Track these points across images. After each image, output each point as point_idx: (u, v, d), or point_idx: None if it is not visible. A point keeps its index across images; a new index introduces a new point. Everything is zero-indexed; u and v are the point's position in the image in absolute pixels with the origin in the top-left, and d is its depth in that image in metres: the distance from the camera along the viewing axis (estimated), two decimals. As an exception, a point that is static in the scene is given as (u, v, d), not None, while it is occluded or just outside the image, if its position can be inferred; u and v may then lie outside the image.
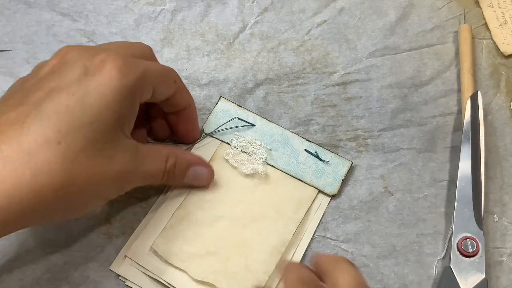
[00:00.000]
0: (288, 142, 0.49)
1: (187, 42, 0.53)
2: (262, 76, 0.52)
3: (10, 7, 0.53)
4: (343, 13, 0.55)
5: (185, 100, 0.45)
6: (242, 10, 0.55)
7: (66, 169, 0.35)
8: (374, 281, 0.45)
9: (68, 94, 0.36)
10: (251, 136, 0.48)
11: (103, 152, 0.37)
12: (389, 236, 0.47)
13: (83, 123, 0.36)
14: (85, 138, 0.36)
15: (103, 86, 0.37)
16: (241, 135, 0.48)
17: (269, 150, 0.48)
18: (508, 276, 0.45)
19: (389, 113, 0.51)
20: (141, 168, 0.40)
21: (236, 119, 0.49)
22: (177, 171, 0.43)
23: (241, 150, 0.48)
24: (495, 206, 0.48)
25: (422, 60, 0.53)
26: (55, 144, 0.35)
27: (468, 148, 0.48)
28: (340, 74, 0.52)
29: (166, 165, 0.42)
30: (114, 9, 0.54)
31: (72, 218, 0.43)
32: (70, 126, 0.35)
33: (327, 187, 0.47)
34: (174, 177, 0.43)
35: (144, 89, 0.40)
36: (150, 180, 0.42)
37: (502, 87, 0.53)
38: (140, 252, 0.44)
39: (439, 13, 0.55)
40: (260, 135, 0.49)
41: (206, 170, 0.46)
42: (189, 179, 0.45)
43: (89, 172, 0.36)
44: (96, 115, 0.36)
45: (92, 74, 0.37)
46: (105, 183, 0.38)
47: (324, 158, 0.48)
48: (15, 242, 0.44)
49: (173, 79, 0.43)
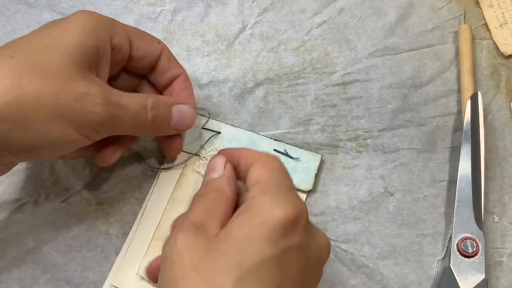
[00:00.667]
0: (257, 145, 0.48)
1: (187, 42, 0.53)
2: (262, 76, 0.52)
3: (10, 7, 0.53)
4: (343, 13, 0.55)
5: (174, 66, 0.45)
6: (242, 11, 0.55)
7: (14, 83, 0.35)
8: (374, 281, 0.45)
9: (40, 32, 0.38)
10: (219, 144, 0.48)
11: (59, 77, 0.36)
12: (389, 236, 0.47)
13: (39, 47, 0.37)
14: (40, 61, 0.36)
15: (69, 23, 0.38)
16: (209, 144, 0.48)
17: None
18: (508, 277, 0.45)
19: (389, 113, 0.51)
20: (115, 99, 0.38)
21: (200, 130, 0.48)
22: (162, 112, 0.42)
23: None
24: (495, 206, 0.48)
25: (422, 60, 0.53)
26: (7, 58, 0.35)
27: (468, 148, 0.48)
28: (340, 74, 0.52)
29: (148, 102, 0.41)
30: (114, 10, 0.54)
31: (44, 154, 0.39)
32: (24, 48, 0.37)
33: (302, 183, 0.47)
34: (162, 119, 0.42)
35: (116, 33, 0.40)
36: (132, 121, 0.40)
37: (502, 88, 0.53)
38: (126, 278, 0.43)
39: (439, 13, 0.55)
40: (228, 141, 0.48)
41: (187, 107, 0.44)
42: (176, 121, 0.43)
43: (40, 93, 0.35)
44: (54, 42, 0.37)
45: (65, 19, 0.39)
46: (61, 105, 0.36)
47: (294, 156, 0.48)
48: (15, 242, 0.44)
49: (157, 40, 0.44)
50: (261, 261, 0.31)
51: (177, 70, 0.45)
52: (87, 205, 0.46)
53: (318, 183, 0.48)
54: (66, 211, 0.46)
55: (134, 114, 0.39)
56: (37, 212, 0.45)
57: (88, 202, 0.46)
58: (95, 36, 0.39)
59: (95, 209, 0.46)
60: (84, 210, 0.46)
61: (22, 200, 0.46)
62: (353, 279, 0.45)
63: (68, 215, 0.45)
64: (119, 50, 0.41)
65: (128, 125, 0.40)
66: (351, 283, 0.45)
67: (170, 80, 0.45)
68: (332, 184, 0.48)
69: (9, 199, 0.46)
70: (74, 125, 0.36)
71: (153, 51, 0.43)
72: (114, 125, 0.39)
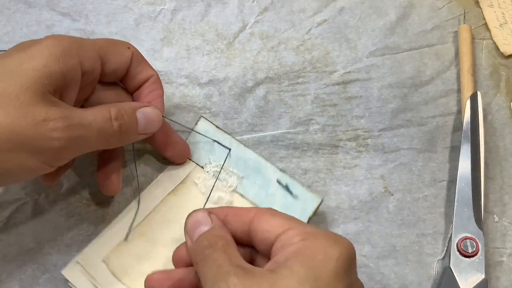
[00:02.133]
0: (261, 171, 0.47)
1: (187, 41, 0.53)
2: (262, 75, 0.52)
3: (10, 6, 0.53)
4: (343, 13, 0.55)
5: (145, 69, 0.44)
6: (242, 10, 0.54)
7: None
8: (374, 281, 0.45)
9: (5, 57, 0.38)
10: (227, 163, 0.47)
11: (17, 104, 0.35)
12: (389, 236, 0.47)
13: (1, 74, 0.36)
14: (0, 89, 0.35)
15: (36, 49, 0.38)
16: (215, 159, 0.47)
17: (241, 177, 0.47)
18: (508, 276, 0.45)
19: (389, 113, 0.51)
20: (78, 120, 0.37)
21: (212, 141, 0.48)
22: (127, 119, 0.41)
23: (213, 175, 0.47)
24: (495, 206, 0.48)
25: (422, 60, 0.53)
26: None
27: (468, 148, 0.48)
28: (340, 73, 0.52)
29: (111, 113, 0.40)
30: (114, 9, 0.54)
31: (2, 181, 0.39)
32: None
33: None
34: (127, 128, 0.41)
35: (86, 57, 0.40)
36: (98, 136, 0.39)
37: (502, 87, 0.53)
38: (92, 261, 0.43)
39: (439, 13, 0.55)
40: (234, 160, 0.47)
41: (151, 109, 0.43)
42: (142, 126, 0.42)
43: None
44: (17, 67, 0.36)
45: (33, 44, 0.38)
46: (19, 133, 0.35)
47: (294, 192, 0.46)
48: (15, 242, 0.44)
49: (127, 46, 0.43)
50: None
51: (146, 73, 0.44)
52: (87, 205, 0.46)
53: (318, 183, 0.48)
54: (66, 211, 0.46)
55: (99, 129, 0.39)
56: (37, 212, 0.45)
57: (88, 202, 0.46)
58: (63, 63, 0.38)
59: (95, 209, 0.46)
60: (84, 210, 0.46)
61: (22, 200, 0.46)
62: (353, 279, 0.45)
63: (68, 215, 0.45)
64: (90, 73, 0.40)
65: (94, 141, 0.39)
66: (351, 283, 0.45)
67: (141, 83, 0.44)
68: (332, 184, 0.48)
69: (9, 199, 0.46)
70: (34, 153, 0.36)
71: (124, 61, 0.43)
72: (78, 146, 0.38)
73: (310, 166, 0.49)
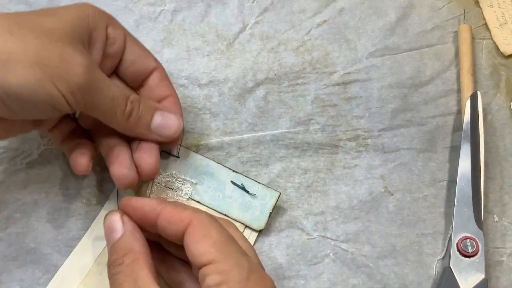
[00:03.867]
0: (214, 174, 0.46)
1: (187, 42, 0.53)
2: (262, 76, 0.52)
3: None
4: (343, 13, 0.55)
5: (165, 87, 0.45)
6: (242, 11, 0.55)
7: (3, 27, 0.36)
8: (374, 281, 0.45)
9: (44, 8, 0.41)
10: (175, 170, 0.46)
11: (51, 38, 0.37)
12: (389, 236, 0.47)
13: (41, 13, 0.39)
14: (38, 22, 0.37)
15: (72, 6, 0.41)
16: (165, 169, 0.46)
17: (195, 184, 0.46)
18: (508, 276, 0.45)
19: (389, 113, 0.51)
20: (100, 75, 0.39)
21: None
22: (143, 110, 0.41)
23: (165, 186, 0.46)
24: (495, 206, 0.48)
25: (422, 60, 0.53)
26: (9, 15, 0.37)
27: (468, 148, 0.48)
28: (340, 74, 0.52)
29: (129, 97, 0.41)
30: (114, 10, 0.54)
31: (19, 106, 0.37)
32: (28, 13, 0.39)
33: (254, 222, 0.45)
34: (140, 118, 0.42)
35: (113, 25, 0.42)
36: (110, 104, 0.40)
37: (502, 87, 0.53)
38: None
39: (439, 13, 0.55)
40: (184, 168, 0.47)
41: (175, 117, 0.43)
42: (157, 125, 0.42)
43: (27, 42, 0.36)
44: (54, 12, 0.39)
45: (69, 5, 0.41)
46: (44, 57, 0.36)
47: (251, 191, 0.46)
48: (15, 242, 0.44)
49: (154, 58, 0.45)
50: None
51: (167, 92, 0.45)
52: (87, 205, 0.46)
53: (318, 183, 0.48)
54: (66, 211, 0.46)
55: (113, 98, 0.39)
56: (37, 212, 0.45)
57: (88, 202, 0.46)
58: (92, 21, 0.40)
59: (95, 209, 0.46)
60: (84, 210, 0.46)
61: (22, 200, 0.46)
62: (353, 278, 0.45)
63: (68, 215, 0.45)
64: (113, 41, 0.42)
65: (105, 106, 0.39)
66: (351, 282, 0.45)
67: (158, 100, 0.45)
68: (332, 183, 0.48)
69: (9, 199, 0.46)
70: (53, 78, 0.36)
71: (146, 63, 0.43)
72: (92, 97, 0.38)
73: (310, 166, 0.49)
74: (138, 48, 0.44)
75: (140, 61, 0.44)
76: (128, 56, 0.43)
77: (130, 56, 0.43)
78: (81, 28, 0.39)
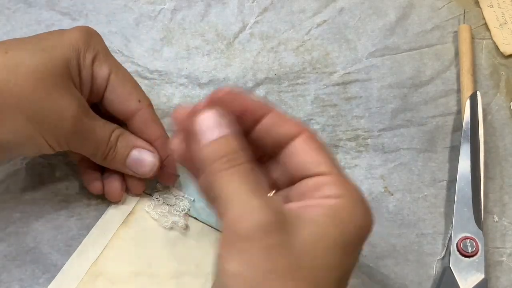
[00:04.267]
0: None
1: (187, 41, 0.53)
2: (262, 76, 0.52)
3: (10, 6, 0.53)
4: (343, 13, 0.55)
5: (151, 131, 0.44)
6: (242, 10, 0.54)
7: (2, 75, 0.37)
8: (374, 281, 0.45)
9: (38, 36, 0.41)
10: (173, 186, 0.46)
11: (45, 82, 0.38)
12: (389, 236, 0.47)
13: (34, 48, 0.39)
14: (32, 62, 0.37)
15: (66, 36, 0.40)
16: (163, 185, 0.46)
17: (192, 201, 0.46)
18: (508, 276, 0.45)
19: (389, 113, 0.51)
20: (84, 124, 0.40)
21: None
22: (120, 145, 0.42)
23: (163, 202, 0.46)
24: (495, 206, 0.48)
25: (422, 60, 0.53)
26: (2, 52, 0.37)
27: (468, 148, 0.48)
28: (340, 74, 0.52)
29: (112, 134, 0.41)
30: (114, 8, 0.54)
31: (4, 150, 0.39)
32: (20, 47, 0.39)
33: None
34: (116, 153, 0.42)
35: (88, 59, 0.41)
36: (90, 144, 0.41)
37: (502, 87, 0.53)
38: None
39: (439, 13, 0.55)
40: (183, 184, 0.46)
41: (152, 155, 0.43)
42: (131, 162, 0.43)
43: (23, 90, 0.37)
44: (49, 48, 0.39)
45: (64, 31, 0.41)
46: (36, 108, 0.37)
47: None
48: (14, 241, 0.44)
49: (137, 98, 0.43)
50: None
51: (151, 136, 0.44)
52: (87, 205, 0.46)
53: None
54: (66, 211, 0.45)
55: (96, 142, 0.41)
56: (36, 211, 0.45)
57: (88, 202, 0.46)
58: (83, 57, 0.40)
59: (95, 209, 0.46)
60: (84, 210, 0.46)
61: (22, 200, 0.46)
62: (353, 278, 0.45)
63: (68, 215, 0.45)
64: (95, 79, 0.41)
65: (87, 148, 0.41)
66: (351, 282, 0.45)
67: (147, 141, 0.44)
68: (332, 184, 0.48)
69: (9, 199, 0.45)
70: (43, 132, 0.38)
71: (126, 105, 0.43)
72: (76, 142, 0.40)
73: (310, 166, 0.49)
74: (122, 87, 0.42)
75: (118, 102, 0.42)
76: (108, 95, 0.42)
77: (110, 95, 0.42)
78: (73, 67, 0.39)
